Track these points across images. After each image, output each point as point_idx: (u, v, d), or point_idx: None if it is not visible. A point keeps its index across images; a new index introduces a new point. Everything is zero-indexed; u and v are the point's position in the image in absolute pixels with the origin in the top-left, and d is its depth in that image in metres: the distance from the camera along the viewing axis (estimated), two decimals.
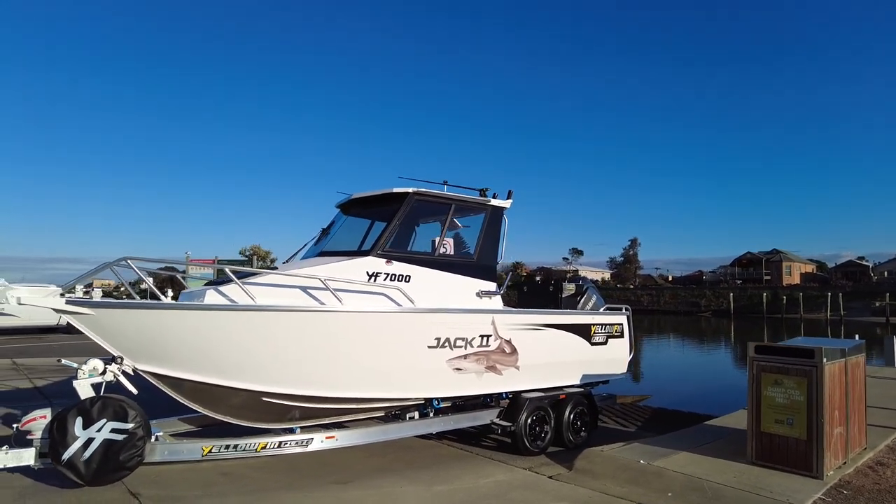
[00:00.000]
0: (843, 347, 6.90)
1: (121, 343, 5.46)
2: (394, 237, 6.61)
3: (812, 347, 6.33)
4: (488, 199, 7.55)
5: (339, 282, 5.93)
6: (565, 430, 7.75)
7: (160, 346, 5.52)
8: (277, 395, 5.89)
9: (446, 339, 6.51)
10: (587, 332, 8.07)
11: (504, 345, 7.05)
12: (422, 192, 6.98)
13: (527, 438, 7.22)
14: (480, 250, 7.28)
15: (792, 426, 6.35)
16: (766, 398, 6.59)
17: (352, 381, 6.12)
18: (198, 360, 5.60)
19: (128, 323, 5.41)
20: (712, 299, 71.80)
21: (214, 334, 5.52)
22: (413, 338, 6.29)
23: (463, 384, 6.82)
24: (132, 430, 5.04)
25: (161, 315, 5.44)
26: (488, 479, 6.17)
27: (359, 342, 6.00)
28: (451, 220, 7.13)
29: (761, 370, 6.67)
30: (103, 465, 4.96)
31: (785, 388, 6.45)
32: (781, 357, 6.56)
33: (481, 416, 7.32)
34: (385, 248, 6.49)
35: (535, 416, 7.39)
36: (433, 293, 6.66)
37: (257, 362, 5.69)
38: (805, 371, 6.30)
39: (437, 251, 6.95)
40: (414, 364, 6.38)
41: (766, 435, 6.56)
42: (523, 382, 7.40)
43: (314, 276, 5.86)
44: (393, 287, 6.27)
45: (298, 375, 5.85)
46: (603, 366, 8.41)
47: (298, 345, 5.74)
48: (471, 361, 6.77)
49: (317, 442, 5.95)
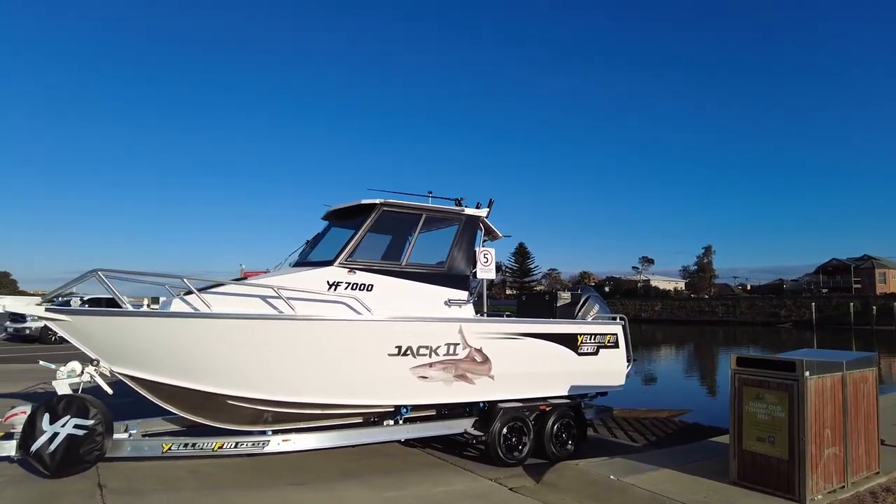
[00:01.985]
0: (843, 360, 6.35)
1: (97, 347, 5.93)
2: (358, 247, 6.76)
3: (793, 360, 5.88)
4: (462, 209, 7.55)
5: (292, 291, 6.15)
6: (547, 441, 7.56)
7: (130, 351, 5.94)
8: (240, 398, 6.16)
9: (408, 348, 6.56)
10: (573, 341, 7.85)
11: (474, 353, 7.01)
12: (390, 202, 7.10)
13: (501, 449, 7.11)
14: (452, 259, 7.29)
15: (773, 444, 5.91)
16: (747, 413, 6.17)
17: (311, 387, 6.29)
18: (164, 364, 5.97)
19: (101, 329, 5.87)
20: (793, 309, 66.94)
21: (175, 340, 5.88)
22: (370, 346, 6.39)
23: (429, 392, 6.83)
24: (92, 427, 5.45)
25: (128, 322, 5.86)
26: (445, 487, 6.14)
27: (312, 349, 6.17)
28: (421, 229, 7.20)
29: (743, 383, 6.26)
30: (66, 458, 5.40)
31: (766, 404, 6.02)
32: (763, 370, 6.13)
33: (455, 425, 7.29)
34: (348, 258, 6.65)
35: (510, 426, 7.27)
36: (397, 302, 6.74)
37: (216, 367, 5.99)
38: (786, 385, 5.85)
39: (405, 260, 7.03)
40: (375, 372, 6.48)
41: (747, 453, 6.14)
42: (499, 392, 7.30)
43: (268, 286, 6.12)
44: (349, 296, 6.42)
45: (257, 380, 6.10)
46: (594, 377, 8.13)
47: (252, 351, 5.99)
48: (437, 370, 6.77)
49: (273, 444, 6.15)
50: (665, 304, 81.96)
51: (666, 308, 79.87)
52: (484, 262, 9.19)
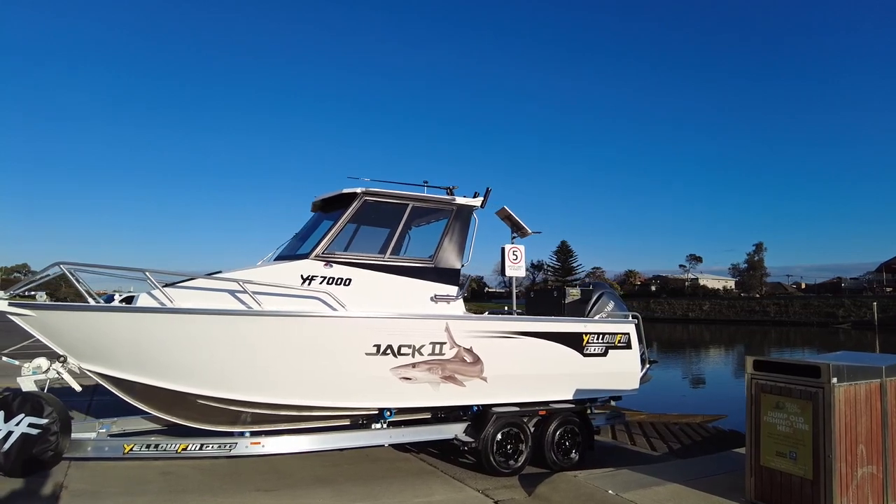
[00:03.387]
0: (882, 365, 5.52)
1: (64, 342, 5.71)
2: (336, 239, 6.34)
3: (818, 364, 5.11)
4: (453, 198, 7.03)
5: (260, 285, 5.79)
6: (548, 450, 6.95)
7: (98, 347, 5.70)
8: (209, 398, 5.84)
9: (388, 347, 6.09)
10: (577, 341, 7.20)
11: (464, 353, 6.48)
12: (373, 191, 6.65)
13: (494, 457, 6.56)
14: (441, 252, 6.78)
15: (795, 461, 5.15)
16: (765, 425, 5.42)
17: (282, 388, 5.90)
18: (132, 361, 5.70)
19: (67, 324, 5.65)
20: (852, 309, 63.01)
21: (140, 335, 5.60)
22: (345, 344, 5.96)
23: (414, 395, 6.34)
24: (46, 426, 5.22)
25: (93, 317, 5.62)
26: (423, 498, 5.64)
27: (278, 347, 5.78)
28: (408, 220, 6.73)
29: (760, 390, 5.52)
30: (19, 457, 5.17)
31: (787, 414, 5.26)
32: (783, 375, 5.37)
33: (445, 430, 6.77)
34: (325, 250, 6.25)
35: (506, 433, 6.71)
36: (378, 297, 6.29)
37: (181, 364, 5.68)
38: (810, 393, 5.09)
39: (388, 253, 6.56)
40: (352, 372, 6.04)
41: (766, 470, 5.39)
42: (494, 395, 6.74)
43: (233, 280, 5.77)
44: (322, 291, 6.00)
45: (222, 379, 5.76)
46: (603, 380, 7.46)
47: (215, 348, 5.65)
48: (421, 371, 6.28)
49: (241, 447, 5.79)
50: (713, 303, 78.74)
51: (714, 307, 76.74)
52: (513, 260, 8.69)
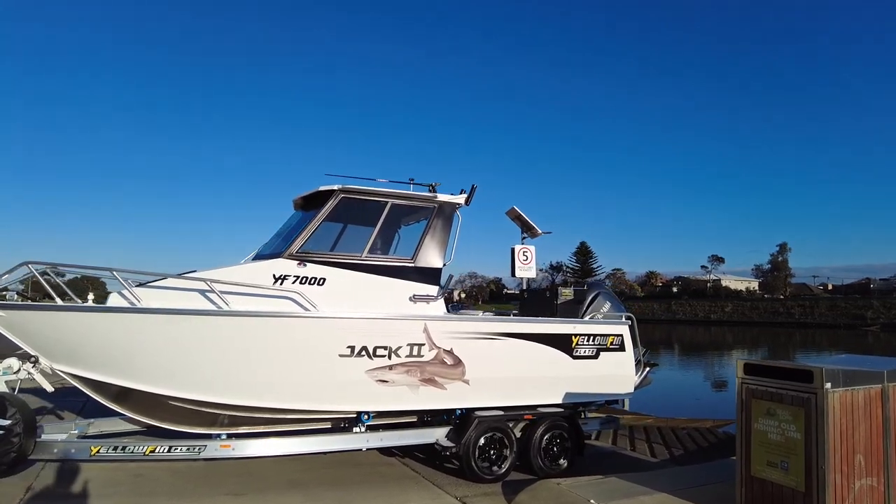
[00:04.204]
0: (884, 370, 5.16)
1: (35, 343, 5.64)
2: (311, 238, 6.18)
3: (811, 367, 4.78)
4: (435, 195, 6.82)
5: (229, 285, 5.65)
6: (534, 455, 6.69)
7: (69, 347, 5.62)
8: (180, 399, 5.72)
9: (363, 348, 5.91)
10: (566, 343, 6.93)
11: (443, 355, 6.26)
12: (350, 188, 6.48)
13: (475, 463, 6.32)
14: (421, 251, 6.57)
15: (787, 472, 4.82)
16: (756, 433, 5.10)
17: (253, 390, 5.75)
18: (101, 361, 5.61)
19: (35, 324, 5.58)
20: (881, 311, 61.19)
21: (109, 336, 5.50)
22: (317, 345, 5.78)
23: (392, 398, 6.14)
24: (9, 427, 5.13)
25: (63, 317, 5.54)
26: None
27: (246, 348, 5.63)
28: (387, 218, 6.54)
29: (751, 395, 5.20)
30: None
31: (779, 421, 4.94)
32: (775, 380, 5.04)
33: (426, 434, 6.55)
34: (299, 249, 6.09)
35: (488, 437, 6.47)
36: (354, 297, 6.11)
37: (149, 365, 5.57)
38: (802, 399, 4.76)
39: (366, 252, 6.38)
40: (326, 374, 5.86)
41: (756, 480, 5.07)
42: (476, 399, 6.51)
43: (201, 279, 5.64)
44: (293, 291, 5.84)
45: (192, 380, 5.62)
46: (594, 384, 7.18)
47: (182, 349, 5.52)
48: (398, 373, 6.08)
49: (210, 450, 5.65)
50: (736, 304, 77.25)
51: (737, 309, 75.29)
52: (523, 260, 8.48)
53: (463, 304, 17.29)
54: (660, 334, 61.36)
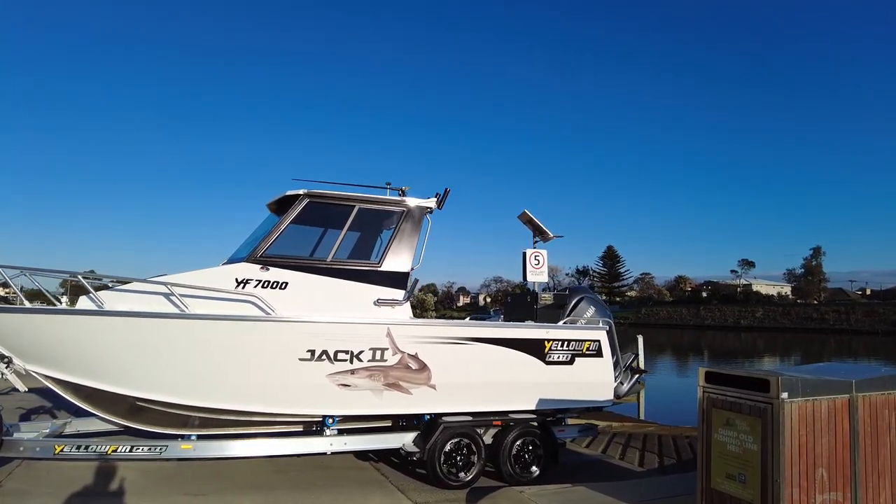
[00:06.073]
0: (851, 380, 4.93)
1: (7, 344, 5.82)
2: (276, 242, 6.22)
3: (767, 376, 4.60)
4: (403, 199, 6.80)
5: (190, 289, 5.73)
6: (503, 462, 6.59)
7: (41, 349, 5.78)
8: (146, 400, 5.82)
9: (323, 352, 5.91)
10: (538, 348, 6.81)
11: (408, 360, 6.22)
12: (316, 193, 6.51)
13: (440, 469, 6.25)
14: (388, 255, 6.55)
15: (744, 484, 4.64)
16: (716, 443, 4.92)
17: (214, 392, 5.81)
18: (71, 363, 5.74)
19: (9, 326, 5.76)
20: None
21: (77, 338, 5.63)
22: (276, 349, 5.81)
23: (355, 402, 6.12)
24: None
25: (31, 319, 5.70)
26: None
27: (204, 351, 5.69)
28: (354, 221, 6.55)
29: (712, 405, 5.02)
30: None
31: (737, 432, 4.75)
32: (734, 389, 4.86)
33: (392, 440, 6.51)
34: (262, 253, 6.14)
35: (455, 443, 6.40)
36: (316, 301, 6.13)
37: (114, 366, 5.67)
38: (759, 409, 4.58)
39: (332, 255, 6.39)
40: (286, 378, 5.89)
41: (715, 493, 4.89)
42: (443, 404, 6.44)
43: (163, 283, 5.73)
44: (251, 295, 5.88)
45: (156, 382, 5.71)
46: (569, 390, 7.02)
47: (143, 351, 5.61)
48: (361, 377, 6.06)
49: (172, 451, 5.72)
50: (767, 310, 75.06)
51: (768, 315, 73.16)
52: (535, 265, 8.37)
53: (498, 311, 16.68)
54: (688, 340, 60.08)
